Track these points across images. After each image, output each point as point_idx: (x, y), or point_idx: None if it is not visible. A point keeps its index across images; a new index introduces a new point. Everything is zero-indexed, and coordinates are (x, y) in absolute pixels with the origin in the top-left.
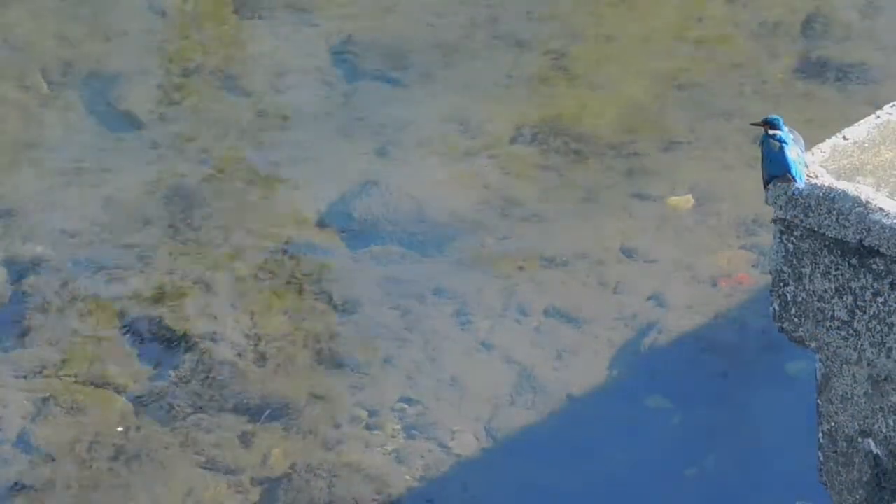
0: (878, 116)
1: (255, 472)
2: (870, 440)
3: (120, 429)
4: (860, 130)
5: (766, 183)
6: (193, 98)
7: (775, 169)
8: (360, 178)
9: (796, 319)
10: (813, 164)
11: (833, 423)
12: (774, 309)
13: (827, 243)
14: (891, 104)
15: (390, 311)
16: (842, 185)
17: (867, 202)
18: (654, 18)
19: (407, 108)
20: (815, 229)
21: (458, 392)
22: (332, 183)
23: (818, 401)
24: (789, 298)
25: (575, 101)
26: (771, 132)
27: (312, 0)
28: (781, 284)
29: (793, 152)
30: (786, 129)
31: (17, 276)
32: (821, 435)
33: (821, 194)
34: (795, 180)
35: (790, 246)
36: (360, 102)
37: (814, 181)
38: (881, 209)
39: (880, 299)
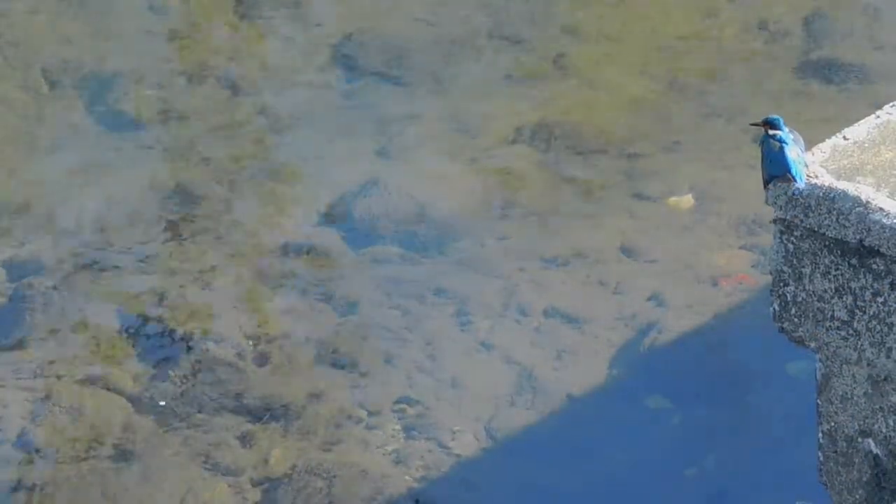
0: (878, 116)
1: (255, 472)
2: (870, 440)
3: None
4: (860, 130)
5: (766, 183)
6: (193, 98)
7: (775, 169)
8: (360, 178)
9: (796, 319)
10: (813, 164)
11: (833, 423)
12: (774, 309)
13: (827, 243)
14: (891, 104)
15: (390, 311)
16: (842, 185)
17: (867, 202)
18: (653, 18)
19: (407, 107)
20: (815, 229)
21: (458, 392)
22: (332, 183)
23: (818, 401)
24: (789, 298)
25: (575, 101)
26: (771, 132)
27: (313, 0)
28: (781, 284)
29: (793, 152)
30: (786, 129)
31: (17, 276)
32: (821, 435)
33: (821, 194)
34: (795, 180)
35: (790, 246)
36: (361, 102)
37: (814, 181)
38: (881, 209)
39: (880, 299)
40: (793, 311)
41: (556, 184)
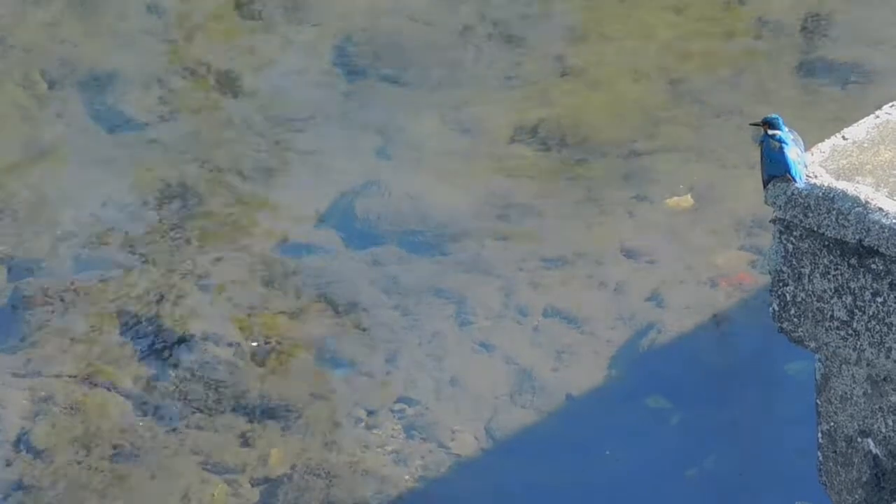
0: (878, 116)
1: (254, 472)
2: (869, 440)
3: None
4: (859, 130)
5: (766, 183)
6: (193, 98)
7: (775, 169)
8: (360, 178)
9: (796, 319)
10: (812, 164)
11: (832, 423)
12: (774, 309)
13: (826, 243)
14: (890, 104)
15: (390, 311)
16: (841, 184)
17: (866, 202)
18: (653, 18)
19: (406, 107)
20: (815, 229)
21: (458, 392)
22: (332, 183)
23: (818, 401)
24: (789, 298)
25: (575, 101)
26: (771, 132)
27: (312, 0)
28: (781, 284)
29: (792, 152)
30: (785, 129)
31: (17, 276)
32: (820, 435)
33: (820, 194)
34: (795, 180)
35: (789, 246)
36: (360, 102)
37: (813, 181)
38: (880, 209)
39: (879, 299)
40: (792, 311)
41: (556, 184)
